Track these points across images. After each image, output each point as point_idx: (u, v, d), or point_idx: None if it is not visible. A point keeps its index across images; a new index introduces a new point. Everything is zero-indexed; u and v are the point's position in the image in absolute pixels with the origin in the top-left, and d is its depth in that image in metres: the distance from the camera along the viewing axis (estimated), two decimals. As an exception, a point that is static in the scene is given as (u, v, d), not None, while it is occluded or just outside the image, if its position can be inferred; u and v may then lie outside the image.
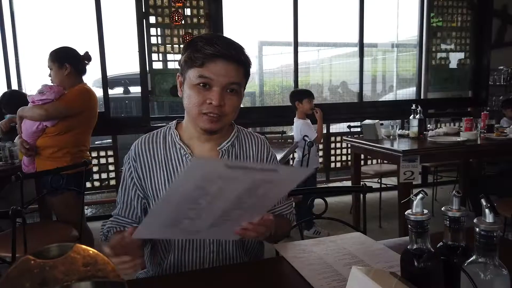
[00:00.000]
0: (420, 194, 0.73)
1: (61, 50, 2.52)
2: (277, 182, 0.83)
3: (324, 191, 1.75)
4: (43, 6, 5.06)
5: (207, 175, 0.75)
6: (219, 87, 1.06)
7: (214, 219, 0.90)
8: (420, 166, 3.01)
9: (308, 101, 3.57)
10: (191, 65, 1.06)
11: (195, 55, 1.05)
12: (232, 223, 0.94)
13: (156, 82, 3.97)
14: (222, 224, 0.93)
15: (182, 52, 1.12)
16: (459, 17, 4.96)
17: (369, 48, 5.59)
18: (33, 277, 0.33)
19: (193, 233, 0.98)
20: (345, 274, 0.98)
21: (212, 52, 1.03)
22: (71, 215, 2.46)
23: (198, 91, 1.07)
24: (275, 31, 4.98)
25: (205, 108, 1.07)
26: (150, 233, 0.97)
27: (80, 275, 0.35)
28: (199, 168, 0.76)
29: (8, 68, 3.85)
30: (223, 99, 1.07)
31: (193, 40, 1.09)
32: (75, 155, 2.50)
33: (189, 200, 0.82)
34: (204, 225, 0.92)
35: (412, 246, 0.73)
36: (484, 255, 0.68)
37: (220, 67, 1.05)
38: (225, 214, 0.88)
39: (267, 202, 0.93)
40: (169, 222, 0.89)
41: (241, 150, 1.23)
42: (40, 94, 2.38)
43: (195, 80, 1.06)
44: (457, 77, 5.04)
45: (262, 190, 0.83)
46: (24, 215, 1.79)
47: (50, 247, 0.38)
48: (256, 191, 0.83)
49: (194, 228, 0.92)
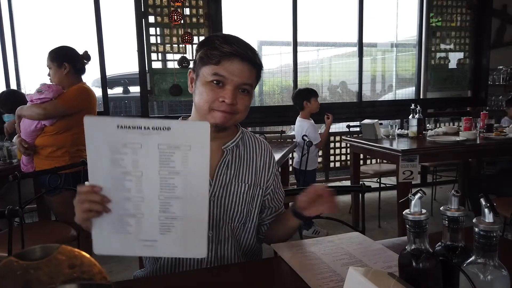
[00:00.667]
0: (418, 193, 0.72)
1: (60, 49, 2.51)
2: (182, 146, 0.86)
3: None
4: (42, 5, 5.05)
5: (108, 139, 0.84)
6: (233, 86, 1.07)
7: (159, 217, 0.90)
8: (419, 166, 3.00)
9: (315, 100, 3.59)
10: (207, 62, 1.07)
11: (212, 53, 1.06)
12: (185, 225, 0.91)
13: (155, 82, 3.97)
14: (174, 227, 0.91)
15: (197, 49, 1.13)
16: (459, 17, 4.95)
17: (369, 48, 5.57)
18: (16, 279, 0.32)
19: (149, 245, 0.92)
20: (343, 274, 0.97)
21: (229, 51, 1.05)
22: (69, 214, 2.44)
23: (211, 88, 1.08)
24: (274, 31, 4.98)
25: (217, 106, 1.08)
26: (104, 245, 0.92)
27: (65, 277, 0.34)
28: (94, 126, 0.85)
29: (7, 67, 3.85)
30: (235, 98, 1.08)
31: (210, 38, 1.10)
32: (74, 155, 2.50)
33: (115, 184, 0.87)
34: (152, 228, 0.90)
35: (410, 246, 0.72)
36: (483, 255, 0.67)
37: (236, 66, 1.06)
38: (164, 206, 0.89)
39: (198, 182, 0.90)
40: (116, 225, 0.89)
41: (245, 151, 1.23)
42: (38, 93, 2.37)
43: (209, 77, 1.07)
44: (457, 77, 5.03)
45: (177, 163, 0.87)
46: (21, 215, 1.78)
47: (35, 248, 0.37)
48: (171, 164, 0.87)
49: (146, 233, 0.90)
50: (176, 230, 0.91)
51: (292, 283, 0.96)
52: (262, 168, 1.24)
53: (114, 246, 0.91)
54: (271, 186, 1.27)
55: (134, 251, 0.93)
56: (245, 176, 1.20)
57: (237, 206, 1.17)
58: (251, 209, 1.21)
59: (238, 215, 1.18)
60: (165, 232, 0.90)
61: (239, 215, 1.18)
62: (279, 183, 1.32)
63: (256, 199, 1.22)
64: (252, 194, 1.21)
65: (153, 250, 0.92)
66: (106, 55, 3.91)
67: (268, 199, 1.28)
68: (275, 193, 1.29)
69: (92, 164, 0.88)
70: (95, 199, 0.87)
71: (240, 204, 1.18)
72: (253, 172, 1.22)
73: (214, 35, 1.11)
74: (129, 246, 0.91)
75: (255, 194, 1.22)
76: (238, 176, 1.19)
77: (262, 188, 1.24)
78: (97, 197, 0.87)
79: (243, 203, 1.18)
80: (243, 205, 1.18)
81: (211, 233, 1.13)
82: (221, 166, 1.17)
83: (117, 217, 0.89)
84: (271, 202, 1.29)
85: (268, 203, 1.28)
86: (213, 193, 1.15)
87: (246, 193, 1.19)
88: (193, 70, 1.15)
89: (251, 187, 1.20)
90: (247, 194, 1.19)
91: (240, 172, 1.20)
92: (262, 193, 1.24)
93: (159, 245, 0.91)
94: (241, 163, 1.21)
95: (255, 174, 1.22)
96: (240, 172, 1.20)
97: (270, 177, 1.26)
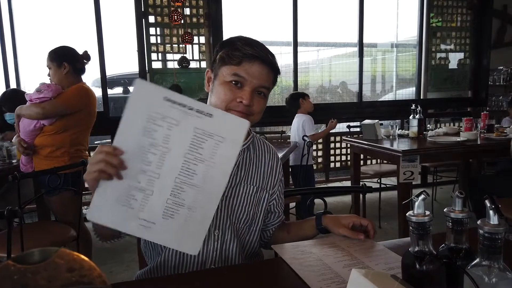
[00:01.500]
0: (422, 195, 0.71)
1: (59, 49, 2.51)
2: (216, 136, 0.86)
3: (324, 191, 1.73)
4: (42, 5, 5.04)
5: (150, 107, 0.84)
6: (251, 87, 1.08)
7: (167, 199, 0.87)
8: (420, 166, 2.99)
9: (308, 98, 3.71)
10: (227, 62, 1.09)
11: (233, 53, 1.08)
12: (190, 216, 0.89)
13: (156, 82, 3.95)
14: (178, 215, 0.88)
15: (217, 49, 1.14)
16: (459, 17, 4.95)
17: (369, 48, 5.57)
18: (13, 284, 0.31)
19: (146, 225, 0.88)
20: (345, 276, 0.96)
21: (251, 53, 1.07)
22: (68, 214, 2.45)
23: (229, 88, 1.09)
24: (274, 31, 4.97)
25: (234, 106, 1.09)
26: (100, 213, 0.87)
27: (64, 281, 0.33)
28: (142, 90, 0.85)
29: (7, 67, 3.84)
30: (252, 99, 1.09)
31: (232, 39, 1.12)
32: (73, 155, 2.49)
33: (138, 152, 0.85)
34: (157, 209, 0.87)
35: (413, 248, 0.71)
36: (488, 258, 0.66)
37: (255, 69, 1.08)
38: (176, 190, 0.87)
39: (218, 176, 0.89)
40: (122, 195, 0.86)
41: (255, 154, 1.25)
42: (37, 92, 2.37)
43: (228, 77, 1.08)
44: (457, 77, 5.03)
45: (205, 151, 0.86)
46: (21, 215, 1.77)
47: (33, 252, 0.36)
48: (199, 150, 0.86)
49: (148, 213, 0.87)
50: (179, 218, 0.88)
51: (293, 284, 0.95)
52: (269, 172, 1.26)
53: (111, 217, 0.87)
54: (277, 191, 1.29)
55: (128, 227, 0.88)
56: (253, 179, 1.22)
57: (244, 208, 1.19)
58: (257, 212, 1.23)
59: (244, 217, 1.19)
60: (167, 217, 0.88)
61: (245, 217, 1.19)
62: (283, 190, 1.34)
63: (262, 202, 1.24)
64: (259, 197, 1.22)
65: (148, 233, 0.88)
66: (106, 55, 3.91)
67: (273, 204, 1.30)
68: (280, 199, 1.32)
69: (123, 127, 0.86)
70: (113, 162, 0.84)
71: (247, 206, 1.19)
72: (261, 175, 1.24)
73: (236, 37, 1.13)
74: (125, 221, 0.87)
75: (262, 197, 1.23)
76: (247, 178, 1.20)
77: (269, 192, 1.26)
78: (116, 160, 0.84)
79: (250, 205, 1.20)
80: (249, 207, 1.20)
81: (217, 232, 1.14)
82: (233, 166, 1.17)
83: (126, 187, 0.86)
84: (276, 207, 1.31)
85: (273, 208, 1.30)
86: (223, 192, 1.15)
87: (253, 195, 1.21)
88: (211, 69, 1.16)
89: (258, 190, 1.22)
90: (254, 197, 1.21)
91: (249, 174, 1.21)
92: (268, 197, 1.26)
93: (156, 228, 0.87)
94: (251, 166, 1.22)
95: (262, 178, 1.24)
96: (249, 174, 1.21)
97: (276, 183, 1.29)
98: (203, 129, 0.86)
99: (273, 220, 1.31)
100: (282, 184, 1.32)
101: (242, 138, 0.88)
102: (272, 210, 1.30)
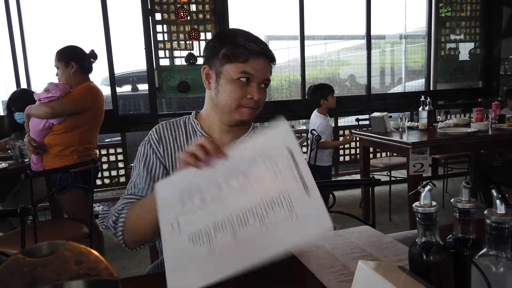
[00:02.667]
0: (428, 185, 0.71)
1: (66, 49, 2.53)
2: (292, 217, 0.76)
3: (333, 184, 1.74)
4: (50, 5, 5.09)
5: (282, 139, 0.83)
6: (257, 82, 1.11)
7: (231, 218, 0.80)
8: (430, 158, 2.97)
9: (332, 97, 3.55)
10: (233, 60, 1.08)
11: (239, 51, 1.07)
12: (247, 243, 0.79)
13: (163, 79, 3.98)
14: (239, 239, 0.80)
15: (213, 45, 1.13)
16: (468, 7, 4.88)
17: (377, 40, 5.53)
18: (23, 277, 0.33)
19: (218, 248, 0.80)
20: (353, 268, 0.96)
21: (257, 50, 1.08)
22: (80, 212, 2.48)
23: (239, 86, 1.10)
24: (281, 25, 4.96)
25: (245, 103, 1.12)
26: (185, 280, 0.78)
27: (72, 274, 0.34)
28: (284, 129, 0.84)
29: (17, 67, 3.89)
30: (260, 93, 1.11)
31: (230, 35, 1.11)
32: (82, 153, 2.52)
33: (230, 169, 0.85)
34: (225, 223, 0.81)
35: (420, 239, 0.71)
36: (495, 247, 0.66)
37: (260, 64, 1.10)
38: (244, 216, 0.80)
39: (259, 248, 0.78)
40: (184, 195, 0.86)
41: None
42: (46, 92, 2.39)
43: (236, 75, 1.09)
44: (467, 67, 4.97)
45: (272, 218, 0.77)
46: (34, 213, 1.81)
47: (42, 245, 0.37)
48: (270, 211, 0.77)
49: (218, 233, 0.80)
50: (241, 243, 0.79)
51: (303, 277, 0.96)
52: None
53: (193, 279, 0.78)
54: None
55: (216, 273, 0.77)
56: None
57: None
58: None
59: None
60: (233, 238, 0.79)
61: None
62: None
63: None
64: None
65: (217, 253, 0.79)
66: (114, 54, 3.93)
67: None
68: None
69: (255, 143, 0.89)
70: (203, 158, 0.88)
71: None
72: None
73: (233, 30, 1.13)
74: (208, 271, 0.78)
75: None
76: None
77: None
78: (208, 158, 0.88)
79: None
80: None
81: None
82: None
83: (195, 185, 0.86)
84: None
85: None
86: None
87: None
88: (209, 66, 1.14)
89: None
90: None
91: None
92: None
93: (225, 247, 0.78)
94: None
95: None
96: None
97: None
98: (292, 197, 0.77)
99: None
100: None
101: (311, 241, 0.87)
102: None
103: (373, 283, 0.65)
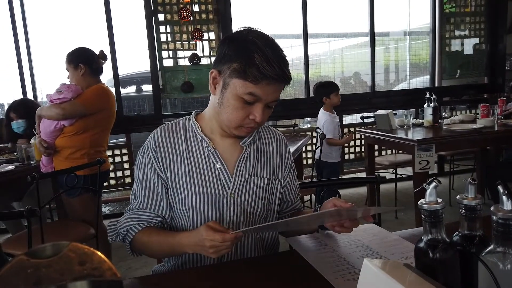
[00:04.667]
0: (433, 182, 0.71)
1: (75, 51, 2.54)
2: None
3: (338, 182, 1.73)
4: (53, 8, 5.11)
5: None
6: (263, 104, 1.06)
7: None
8: (436, 155, 2.95)
9: (335, 95, 3.53)
10: (243, 77, 1.01)
11: (251, 71, 0.99)
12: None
13: (167, 80, 3.99)
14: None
15: (228, 53, 1.04)
16: (473, 2, 4.84)
17: (381, 37, 5.50)
18: (27, 277, 0.33)
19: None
20: (359, 266, 0.96)
21: (271, 75, 1.00)
22: (87, 214, 2.48)
23: (243, 106, 1.05)
24: (284, 24, 4.95)
25: (247, 123, 1.08)
26: None
27: (76, 274, 0.34)
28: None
29: (23, 73, 3.90)
30: (264, 114, 1.07)
31: (247, 48, 1.01)
32: (93, 156, 2.50)
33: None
34: None
35: (426, 236, 0.71)
36: (502, 244, 0.65)
37: (272, 88, 1.04)
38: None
39: None
40: None
41: (261, 144, 1.23)
42: (58, 93, 2.39)
43: (243, 94, 1.03)
44: (472, 63, 4.93)
45: None
46: (41, 215, 1.82)
47: (45, 246, 0.38)
48: None
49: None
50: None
51: (309, 276, 0.95)
52: (279, 159, 1.24)
53: None
54: (288, 178, 1.27)
55: None
56: (263, 170, 1.19)
57: (257, 201, 1.17)
58: (271, 203, 1.21)
59: (259, 210, 1.17)
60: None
61: (260, 210, 1.17)
62: (295, 177, 1.31)
63: (276, 192, 1.22)
64: (271, 188, 1.20)
65: None
66: (118, 55, 3.95)
67: (285, 192, 1.27)
68: (292, 186, 1.29)
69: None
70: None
71: (260, 199, 1.17)
72: (271, 165, 1.22)
73: (250, 40, 1.02)
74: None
75: (274, 187, 1.21)
76: (257, 170, 1.18)
77: (280, 181, 1.24)
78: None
79: (263, 197, 1.18)
80: (263, 200, 1.18)
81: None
82: (240, 162, 1.16)
83: None
84: (288, 196, 1.28)
85: (286, 197, 1.28)
86: (233, 189, 1.14)
87: (265, 187, 1.18)
88: (217, 72, 1.07)
89: (270, 181, 1.20)
90: (266, 188, 1.19)
91: (258, 166, 1.19)
92: (281, 186, 1.24)
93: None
94: (259, 157, 1.20)
95: (272, 167, 1.22)
96: (259, 166, 1.19)
97: (286, 168, 1.26)
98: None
99: (286, 208, 1.30)
100: (292, 170, 1.28)
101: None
102: (285, 199, 1.28)
103: (379, 281, 0.65)
